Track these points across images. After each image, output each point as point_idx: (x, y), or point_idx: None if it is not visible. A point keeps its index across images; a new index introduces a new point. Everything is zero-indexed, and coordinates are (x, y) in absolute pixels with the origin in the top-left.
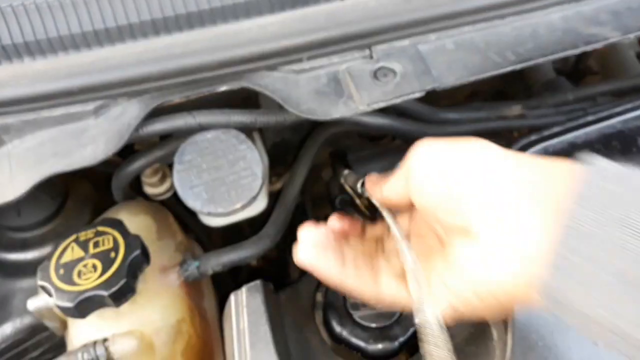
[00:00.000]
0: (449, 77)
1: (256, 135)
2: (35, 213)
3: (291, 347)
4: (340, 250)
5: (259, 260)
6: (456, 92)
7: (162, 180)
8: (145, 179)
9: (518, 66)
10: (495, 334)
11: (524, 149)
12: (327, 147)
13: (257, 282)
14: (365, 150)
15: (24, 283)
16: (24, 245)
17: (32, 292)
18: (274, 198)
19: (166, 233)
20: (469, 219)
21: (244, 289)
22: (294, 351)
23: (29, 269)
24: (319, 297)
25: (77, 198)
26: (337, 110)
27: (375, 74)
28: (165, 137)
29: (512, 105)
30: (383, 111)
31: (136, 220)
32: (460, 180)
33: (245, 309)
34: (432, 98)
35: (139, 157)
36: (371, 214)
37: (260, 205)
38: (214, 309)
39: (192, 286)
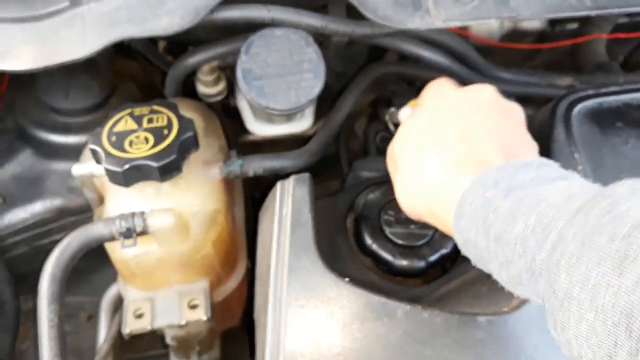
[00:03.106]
0: (526, 10)
1: None
2: (82, 99)
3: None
4: None
5: None
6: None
7: (217, 81)
8: (201, 76)
9: (593, 12)
10: None
11: (579, 101)
12: (370, 93)
13: (306, 175)
14: (411, 97)
15: (60, 165)
16: (66, 129)
17: (67, 175)
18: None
19: (212, 132)
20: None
21: (292, 178)
22: (325, 255)
23: (67, 152)
24: (354, 211)
25: (123, 96)
26: (412, 21)
27: None
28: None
29: (563, 76)
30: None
31: (186, 115)
32: None
33: (291, 196)
34: (484, 55)
35: (201, 50)
36: None
37: (306, 121)
38: (242, 219)
39: (230, 189)
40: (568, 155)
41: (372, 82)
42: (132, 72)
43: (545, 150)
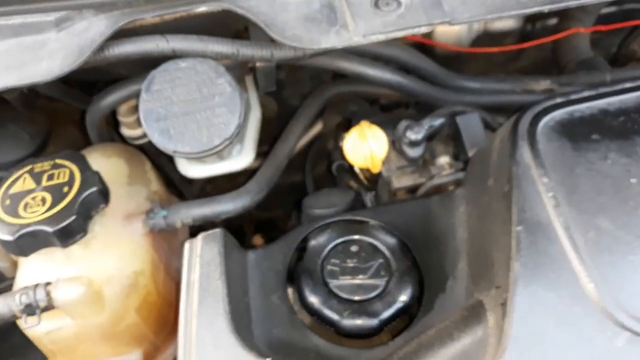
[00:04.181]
0: (463, 13)
1: (249, 82)
2: (12, 151)
3: (254, 313)
4: None
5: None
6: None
7: (140, 121)
8: (122, 118)
9: (546, 8)
10: (492, 319)
11: (546, 112)
12: (336, 115)
13: (217, 231)
14: (373, 117)
15: None
16: None
17: None
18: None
19: (139, 179)
20: None
21: (199, 237)
22: (257, 317)
23: None
24: (295, 261)
25: (60, 142)
26: (327, 40)
27: (376, 2)
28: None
29: (540, 79)
30: (394, 68)
31: (107, 162)
32: None
33: (199, 259)
34: (458, 63)
35: (113, 90)
36: (371, 182)
37: (244, 159)
38: None
39: (163, 241)
40: (534, 181)
41: (323, 105)
42: (73, 114)
43: (507, 177)
